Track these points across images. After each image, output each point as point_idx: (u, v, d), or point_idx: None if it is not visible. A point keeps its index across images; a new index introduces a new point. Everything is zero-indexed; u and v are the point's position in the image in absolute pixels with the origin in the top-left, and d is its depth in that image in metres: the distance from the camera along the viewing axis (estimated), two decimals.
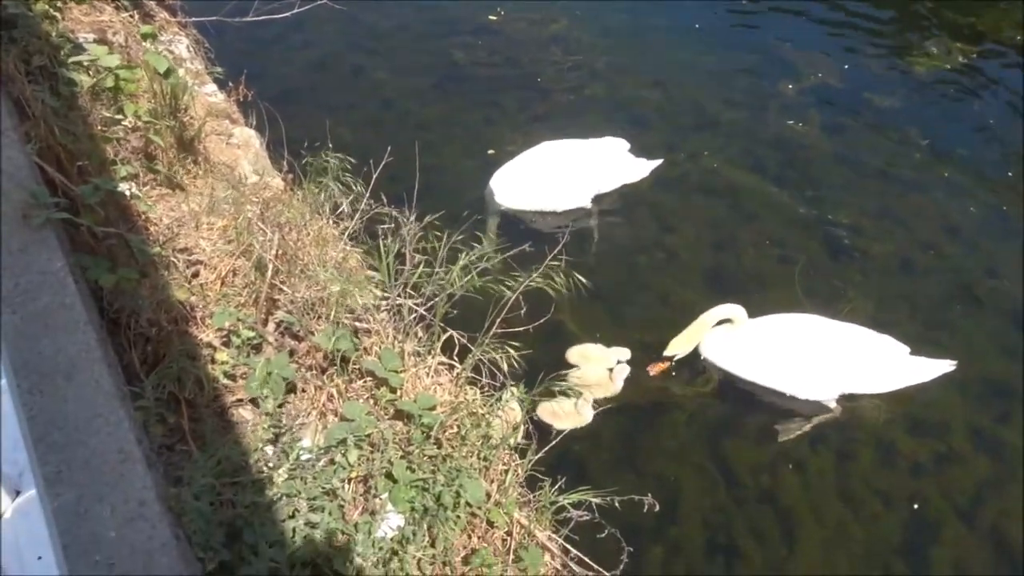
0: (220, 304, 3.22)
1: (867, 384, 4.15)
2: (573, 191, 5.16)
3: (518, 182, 5.08)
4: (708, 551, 3.58)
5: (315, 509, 2.46)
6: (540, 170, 5.10)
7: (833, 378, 4.14)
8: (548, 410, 3.83)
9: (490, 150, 5.59)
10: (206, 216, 3.67)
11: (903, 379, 4.13)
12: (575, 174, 5.13)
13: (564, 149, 5.20)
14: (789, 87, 6.39)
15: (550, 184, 5.09)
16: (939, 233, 5.25)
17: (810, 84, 6.44)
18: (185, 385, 2.87)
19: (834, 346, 4.14)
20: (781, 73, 6.55)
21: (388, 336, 3.13)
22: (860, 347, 4.15)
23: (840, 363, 4.11)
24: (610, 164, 5.24)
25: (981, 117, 6.28)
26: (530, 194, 5.10)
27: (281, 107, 5.55)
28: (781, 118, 6.08)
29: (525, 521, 2.73)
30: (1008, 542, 3.68)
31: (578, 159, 5.15)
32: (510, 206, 5.10)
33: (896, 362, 4.14)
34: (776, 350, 4.16)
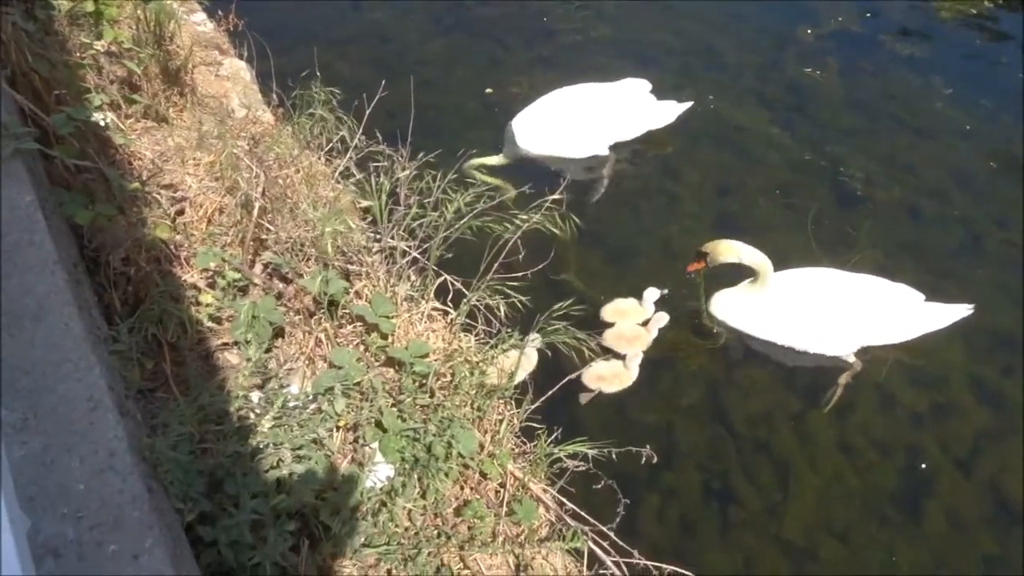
0: (206, 244, 3.08)
1: (885, 335, 4.02)
2: (590, 138, 4.91)
3: (536, 126, 4.84)
4: (704, 498, 3.53)
5: (301, 459, 2.36)
6: (558, 115, 4.85)
7: (851, 332, 4.01)
8: (593, 375, 3.73)
9: (488, 89, 5.37)
10: (192, 151, 3.51)
11: (920, 327, 4.00)
12: (593, 120, 4.86)
13: (583, 93, 4.92)
14: (808, 32, 6.10)
15: (567, 130, 4.86)
16: (951, 183, 5.07)
17: (830, 29, 6.14)
18: (168, 327, 2.76)
19: (850, 299, 3.99)
20: (800, 18, 6.24)
21: (380, 280, 3.00)
22: (876, 298, 4.01)
23: (857, 316, 3.98)
24: (631, 110, 4.95)
25: (1007, 67, 5.99)
26: (547, 139, 4.86)
27: (274, 39, 5.30)
28: (798, 64, 5.81)
29: (519, 473, 2.65)
30: (1004, 494, 3.63)
31: (597, 104, 4.88)
32: (528, 150, 4.88)
33: (912, 310, 4.01)
34: (792, 308, 4.01)
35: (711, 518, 3.47)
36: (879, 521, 3.54)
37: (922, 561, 3.41)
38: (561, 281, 4.22)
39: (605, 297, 4.15)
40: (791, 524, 3.49)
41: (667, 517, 3.45)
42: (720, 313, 4.16)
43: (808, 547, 3.43)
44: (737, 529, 3.46)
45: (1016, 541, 3.48)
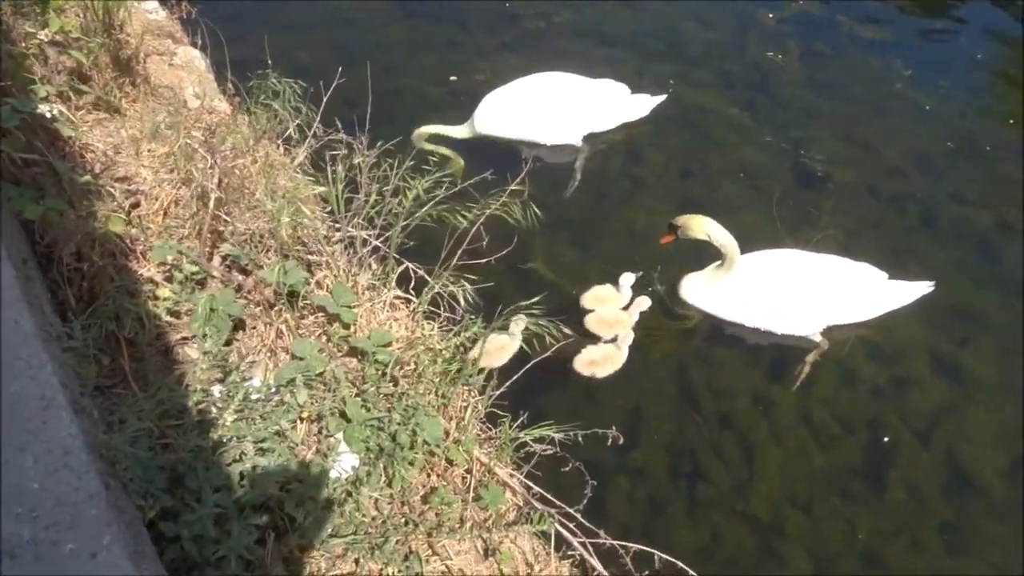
0: (162, 237, 3.03)
1: (850, 314, 4.12)
2: (563, 126, 4.94)
3: (509, 107, 4.84)
4: (672, 477, 3.59)
5: (264, 451, 2.34)
6: (533, 99, 4.86)
7: (817, 312, 4.09)
8: (584, 360, 3.78)
9: (452, 76, 5.33)
10: (147, 142, 3.43)
11: (884, 305, 4.11)
12: (568, 109, 4.90)
13: (561, 81, 4.95)
14: (769, 16, 6.12)
15: (541, 115, 4.87)
16: (910, 163, 5.15)
17: (790, 12, 6.17)
18: (124, 323, 2.71)
19: (816, 280, 4.06)
20: (761, 1, 6.26)
21: (341, 269, 2.97)
22: (840, 277, 4.10)
23: (823, 296, 4.06)
24: (606, 102, 4.99)
25: (965, 49, 6.08)
26: (519, 122, 4.87)
27: (231, 26, 5.19)
28: (760, 47, 5.84)
29: (485, 459, 2.65)
30: (961, 463, 3.75)
31: (573, 94, 4.91)
32: (496, 132, 4.87)
33: (876, 288, 4.11)
34: (759, 289, 4.07)
35: (679, 497, 3.53)
36: (842, 493, 3.63)
37: (883, 530, 3.50)
38: (528, 269, 4.23)
39: (572, 283, 4.17)
40: (757, 500, 3.56)
41: (635, 497, 3.50)
42: (689, 296, 4.20)
43: (774, 522, 3.50)
44: (705, 507, 3.52)
45: (972, 508, 3.59)
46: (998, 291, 4.47)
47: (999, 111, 5.69)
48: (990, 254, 4.68)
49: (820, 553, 3.41)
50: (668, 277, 4.29)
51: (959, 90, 5.71)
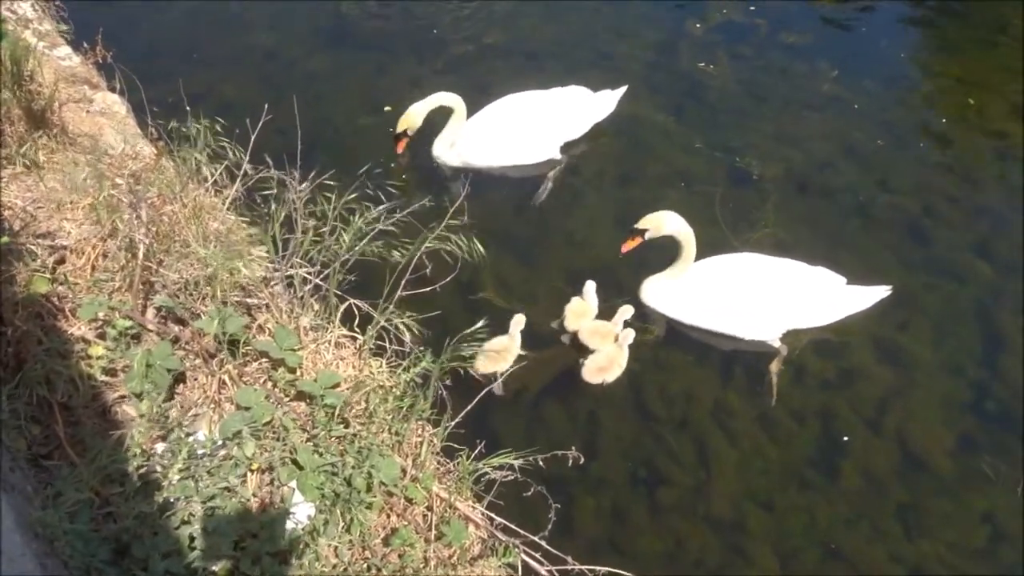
0: (92, 292, 2.91)
1: (809, 318, 4.16)
2: (542, 143, 4.98)
3: (486, 138, 4.87)
4: (631, 484, 3.61)
5: (213, 510, 2.26)
6: (506, 125, 4.90)
7: (776, 316, 4.13)
8: (593, 368, 3.87)
9: (387, 106, 5.29)
10: (68, 195, 3.30)
11: (843, 310, 4.15)
12: (542, 126, 4.94)
13: (525, 101, 4.98)
14: (696, 25, 6.20)
15: (519, 138, 4.90)
16: (841, 159, 5.28)
17: (716, 22, 6.27)
18: (56, 387, 2.59)
19: (775, 284, 4.11)
20: (687, 11, 6.35)
21: (282, 311, 2.90)
22: (799, 282, 4.14)
23: (782, 301, 4.10)
24: (574, 108, 5.03)
25: (888, 49, 6.26)
26: (499, 150, 4.92)
27: (151, 65, 5.10)
28: (690, 57, 5.91)
29: (445, 494, 2.61)
30: (911, 445, 3.86)
31: (543, 110, 4.95)
32: (478, 163, 4.90)
33: (834, 293, 4.16)
34: (718, 293, 4.11)
35: (641, 504, 3.55)
36: (800, 486, 3.70)
37: (842, 518, 3.58)
38: (475, 289, 4.21)
39: (524, 304, 4.15)
40: (717, 501, 3.60)
41: (599, 510, 3.51)
42: (650, 300, 4.23)
43: (736, 520, 3.54)
44: (667, 512, 3.54)
45: (924, 488, 3.69)
46: (930, 274, 4.63)
47: (918, 102, 5.91)
48: (920, 239, 4.84)
49: (784, 548, 3.47)
50: (616, 284, 4.33)
51: (884, 89, 5.87)
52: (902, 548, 3.48)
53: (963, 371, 4.16)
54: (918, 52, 6.40)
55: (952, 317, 4.39)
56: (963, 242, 4.81)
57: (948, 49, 6.43)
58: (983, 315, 4.40)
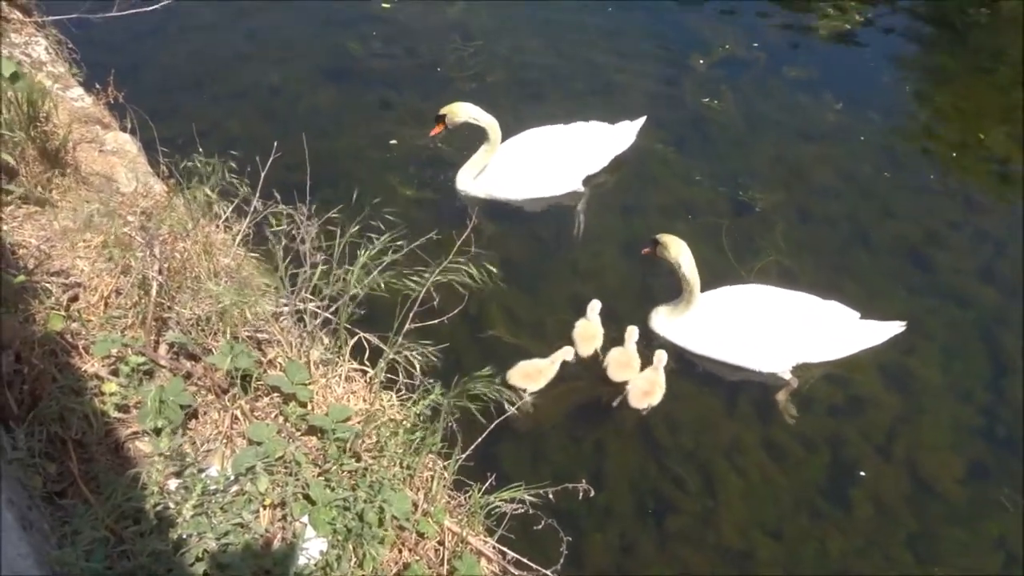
0: (105, 329, 2.95)
1: (821, 352, 4.15)
2: (566, 176, 5.07)
3: (509, 171, 4.95)
4: (638, 514, 3.61)
5: (227, 546, 2.26)
6: (531, 158, 4.99)
7: (787, 349, 4.13)
8: (639, 393, 3.94)
9: (392, 140, 5.37)
10: (81, 233, 3.35)
11: (855, 344, 4.14)
12: (566, 159, 5.03)
13: (549, 135, 5.08)
14: (700, 61, 6.29)
15: (543, 171, 5.00)
16: (845, 189, 5.33)
17: (719, 57, 6.35)
18: (70, 424, 2.61)
19: (786, 316, 4.11)
20: (690, 46, 6.43)
21: (292, 346, 2.93)
22: (811, 316, 4.14)
23: (793, 333, 4.10)
24: (594, 141, 5.13)
25: (891, 84, 6.36)
26: (524, 183, 5.01)
27: (162, 103, 5.20)
28: (695, 92, 5.98)
29: (457, 528, 2.61)
30: (921, 472, 3.86)
31: (566, 144, 5.05)
32: (501, 195, 4.99)
33: (847, 328, 4.15)
34: (729, 324, 4.12)
35: (648, 534, 3.54)
36: (810, 514, 3.69)
37: (854, 547, 3.56)
38: (483, 323, 4.25)
39: (533, 341, 4.18)
40: (727, 529, 3.58)
41: (608, 541, 3.49)
42: (660, 329, 4.24)
43: (745, 549, 3.53)
44: (675, 541, 3.53)
45: (935, 516, 3.68)
46: (935, 300, 4.65)
47: (919, 130, 5.98)
48: (923, 263, 4.87)
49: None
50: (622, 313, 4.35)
51: (884, 115, 5.96)
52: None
53: (971, 396, 4.17)
54: (918, 82, 6.49)
55: (958, 342, 4.41)
56: (966, 267, 4.85)
57: (947, 78, 6.53)
58: (988, 340, 4.42)
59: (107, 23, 5.00)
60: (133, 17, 5.05)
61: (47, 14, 5.12)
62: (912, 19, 7.09)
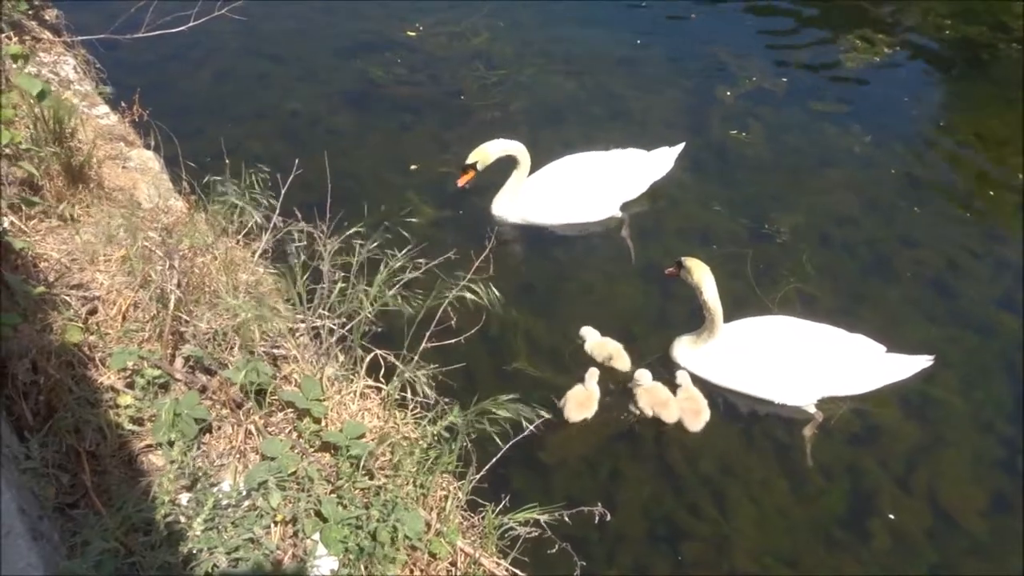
0: (122, 342, 2.96)
1: (846, 386, 4.09)
2: (604, 201, 5.10)
3: (547, 195, 5.00)
4: (651, 541, 3.56)
5: (237, 561, 2.24)
6: (569, 183, 5.03)
7: (812, 382, 4.07)
8: (691, 414, 3.97)
9: (413, 165, 5.41)
10: (102, 247, 3.38)
11: (881, 378, 4.08)
12: (604, 184, 5.07)
13: (587, 161, 5.13)
14: (727, 93, 6.31)
15: (581, 196, 5.03)
16: (874, 222, 5.31)
17: (747, 89, 6.38)
18: (85, 436, 2.61)
19: (812, 350, 4.06)
20: (717, 79, 6.47)
21: (308, 362, 2.92)
22: (837, 349, 4.08)
23: (818, 366, 4.04)
24: (633, 168, 5.16)
25: (918, 117, 6.35)
26: (562, 208, 5.04)
27: (185, 123, 5.26)
28: (723, 125, 5.99)
29: (469, 549, 2.58)
30: (941, 503, 3.78)
31: (604, 170, 5.09)
32: (539, 220, 5.03)
33: (873, 362, 4.09)
34: (753, 356, 4.06)
35: (664, 561, 3.48)
36: (827, 544, 3.61)
37: None
38: (499, 341, 4.24)
39: (553, 372, 4.17)
40: (741, 556, 3.52)
41: (623, 566, 3.43)
42: (680, 359, 4.20)
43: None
44: (691, 567, 3.46)
45: (956, 549, 3.59)
46: (956, 328, 4.59)
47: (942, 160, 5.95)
48: (945, 292, 4.82)
49: None
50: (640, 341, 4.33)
51: (909, 145, 5.94)
52: None
53: (992, 427, 4.10)
54: (942, 112, 6.48)
55: (979, 372, 4.34)
56: (988, 296, 4.79)
57: (970, 107, 6.51)
58: (1010, 370, 4.36)
59: (135, 44, 5.11)
60: (160, 39, 5.17)
61: (76, 34, 5.23)
62: (940, 51, 7.12)
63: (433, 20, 6.90)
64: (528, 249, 5.01)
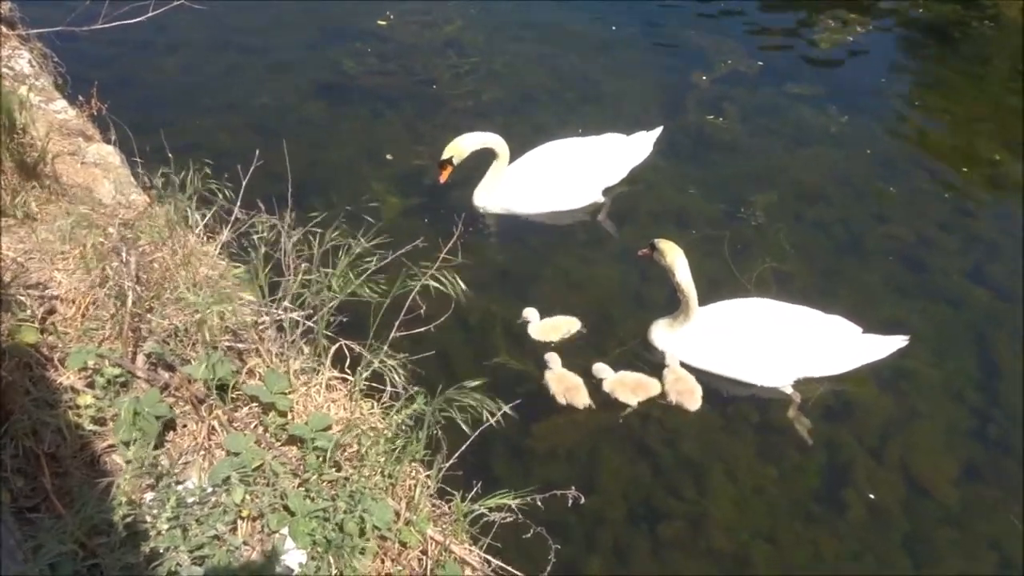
0: (82, 341, 2.90)
1: (823, 367, 4.10)
2: (585, 188, 5.07)
3: (528, 184, 4.94)
4: (631, 520, 3.56)
5: (202, 559, 2.21)
6: (550, 171, 4.98)
7: (790, 364, 4.08)
8: (688, 393, 3.99)
9: (388, 155, 5.35)
10: (60, 245, 3.31)
11: (858, 359, 4.09)
12: (585, 171, 5.03)
13: (567, 148, 5.09)
14: (703, 78, 6.28)
15: (562, 184, 4.99)
16: (851, 201, 5.33)
17: (722, 73, 6.35)
18: (43, 437, 2.55)
19: (787, 331, 4.07)
20: (692, 64, 6.43)
21: (272, 355, 2.88)
22: (814, 330, 4.09)
23: (795, 348, 4.05)
24: (612, 153, 5.13)
25: (893, 97, 6.37)
26: (544, 196, 5.00)
27: (152, 116, 5.18)
28: (699, 110, 5.97)
29: (440, 537, 2.55)
30: (914, 473, 3.82)
31: (585, 156, 5.05)
32: (520, 209, 4.97)
33: (850, 342, 4.10)
34: (731, 338, 4.07)
35: (642, 541, 3.49)
36: (804, 518, 3.64)
37: (848, 550, 3.51)
38: (476, 326, 4.22)
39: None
40: (720, 534, 3.53)
41: (599, 547, 3.43)
42: (659, 342, 4.19)
43: (739, 554, 3.47)
44: (669, 548, 3.48)
45: (930, 518, 3.63)
46: (927, 301, 4.63)
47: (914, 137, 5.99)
48: (916, 266, 4.85)
49: None
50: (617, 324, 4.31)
51: (892, 135, 5.95)
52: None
53: (963, 397, 4.15)
54: (912, 89, 6.50)
55: (950, 343, 4.38)
56: (958, 269, 4.83)
57: (939, 84, 6.54)
58: (980, 340, 4.40)
59: (96, 37, 4.97)
60: (123, 31, 5.03)
61: (31, 27, 5.10)
62: (911, 31, 7.17)
63: (404, 8, 6.82)
64: (504, 236, 4.97)
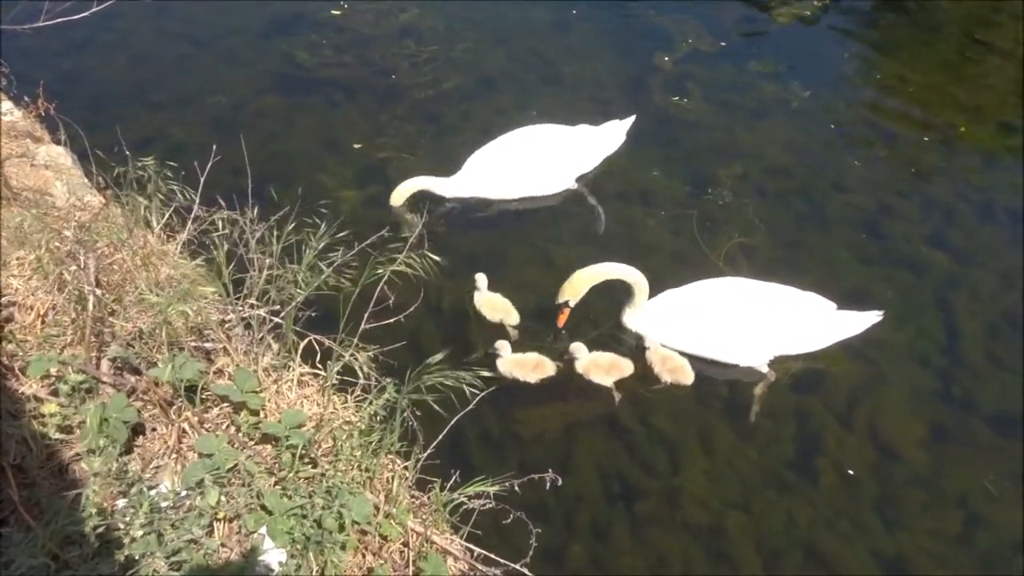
0: (43, 348, 2.82)
1: (798, 344, 4.12)
2: (557, 174, 5.02)
3: (500, 167, 4.88)
4: (609, 499, 3.59)
5: (179, 565, 2.18)
6: (522, 155, 4.92)
7: (764, 342, 4.10)
8: (683, 369, 4.00)
9: (356, 144, 5.28)
10: (14, 251, 3.21)
11: (833, 335, 4.12)
12: (557, 157, 4.99)
13: (541, 133, 5.03)
14: (665, 59, 6.24)
15: (534, 169, 4.94)
16: (814, 176, 5.36)
17: (683, 53, 6.32)
18: (8, 449, 2.49)
19: (762, 309, 4.08)
20: (654, 44, 6.38)
21: (241, 353, 2.83)
22: (788, 308, 4.11)
23: (770, 326, 4.07)
24: (585, 141, 5.09)
25: (854, 70, 6.41)
26: (515, 181, 4.94)
27: (102, 113, 5.04)
28: (663, 92, 5.94)
29: (421, 528, 2.55)
30: (882, 438, 3.90)
31: (557, 143, 5.00)
32: (491, 194, 4.91)
33: (825, 319, 4.13)
34: (706, 318, 4.06)
35: (620, 518, 3.52)
36: (777, 487, 3.70)
37: (821, 516, 3.58)
38: (445, 312, 4.20)
39: None
40: (695, 507, 3.58)
41: (581, 529, 3.46)
42: (632, 325, 4.19)
43: (716, 524, 3.53)
44: (647, 524, 3.52)
45: (899, 481, 3.72)
46: (888, 267, 4.71)
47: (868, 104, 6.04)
48: (877, 234, 4.93)
49: (765, 549, 3.46)
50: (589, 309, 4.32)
51: (854, 108, 5.99)
52: (883, 541, 3.50)
53: (928, 360, 4.24)
54: (868, 58, 6.56)
55: (913, 308, 4.46)
56: (917, 234, 4.92)
57: (899, 54, 6.58)
58: (941, 304, 4.50)
59: (40, 35, 4.79)
60: (68, 27, 4.85)
61: None
62: (867, 1, 7.19)
63: None
64: (472, 222, 4.94)
